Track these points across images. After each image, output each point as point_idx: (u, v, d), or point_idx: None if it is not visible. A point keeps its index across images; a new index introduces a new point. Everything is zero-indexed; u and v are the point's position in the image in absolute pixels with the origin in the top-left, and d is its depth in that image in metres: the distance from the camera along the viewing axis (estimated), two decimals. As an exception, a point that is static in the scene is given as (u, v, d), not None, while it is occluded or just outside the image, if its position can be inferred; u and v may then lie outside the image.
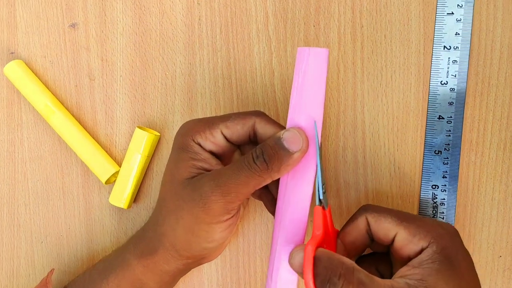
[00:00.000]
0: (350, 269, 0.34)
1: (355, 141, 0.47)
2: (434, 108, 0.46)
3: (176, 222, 0.39)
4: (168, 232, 0.40)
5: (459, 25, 0.46)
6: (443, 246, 0.36)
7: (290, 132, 0.37)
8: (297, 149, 0.37)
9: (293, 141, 0.37)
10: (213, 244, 0.40)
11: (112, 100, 0.49)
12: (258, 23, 0.47)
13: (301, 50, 0.39)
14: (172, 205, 0.39)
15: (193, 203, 0.38)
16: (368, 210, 0.39)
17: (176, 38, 0.48)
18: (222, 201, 0.37)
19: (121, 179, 0.47)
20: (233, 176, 0.37)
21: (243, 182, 0.37)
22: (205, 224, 0.38)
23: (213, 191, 0.37)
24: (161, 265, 0.41)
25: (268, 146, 0.37)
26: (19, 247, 0.50)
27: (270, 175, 0.37)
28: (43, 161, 0.49)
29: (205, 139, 0.40)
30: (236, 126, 0.40)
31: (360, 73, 0.47)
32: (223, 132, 0.40)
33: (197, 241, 0.39)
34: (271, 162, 0.37)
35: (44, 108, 0.47)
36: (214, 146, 0.40)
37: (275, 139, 0.38)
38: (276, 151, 0.37)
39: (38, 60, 0.49)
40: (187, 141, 0.40)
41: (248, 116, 0.40)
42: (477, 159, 0.47)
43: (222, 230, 0.39)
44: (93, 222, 0.49)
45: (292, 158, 0.37)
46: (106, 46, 0.48)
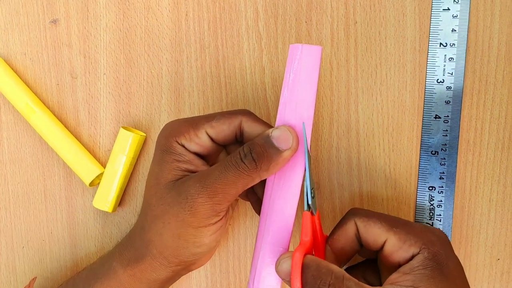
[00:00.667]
0: (340, 278, 0.34)
1: (349, 141, 0.46)
2: (430, 107, 0.45)
3: (162, 227, 0.38)
4: (155, 238, 0.38)
5: (455, 21, 0.45)
6: (434, 252, 0.36)
7: (279, 130, 0.37)
8: (287, 147, 0.36)
9: (283, 139, 0.36)
10: (202, 248, 0.39)
11: (96, 99, 0.47)
12: (248, 19, 0.46)
13: (293, 47, 0.38)
14: (158, 210, 0.38)
15: (179, 207, 0.37)
16: (356, 214, 0.39)
17: (162, 34, 0.46)
18: (209, 203, 0.36)
19: (106, 181, 0.46)
20: (220, 177, 0.36)
21: (231, 182, 0.36)
22: (193, 228, 0.37)
23: (199, 193, 0.36)
24: (148, 273, 0.40)
25: (256, 144, 0.36)
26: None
27: (259, 174, 0.36)
28: (23, 163, 0.47)
29: (190, 140, 0.38)
30: (221, 126, 0.39)
31: (354, 71, 0.46)
32: (208, 132, 0.39)
33: (186, 245, 0.38)
34: (260, 160, 0.36)
35: (24, 107, 0.46)
36: (199, 147, 0.39)
37: (264, 137, 0.37)
38: (265, 149, 0.36)
39: (18, 57, 0.47)
40: (170, 143, 0.38)
41: (234, 115, 0.39)
42: (475, 159, 0.46)
43: (211, 233, 0.38)
44: (76, 226, 0.48)
45: (282, 157, 0.36)
46: (89, 42, 0.47)
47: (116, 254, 0.41)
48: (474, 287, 0.47)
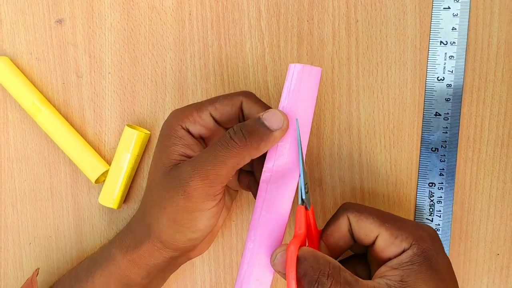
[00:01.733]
0: (337, 269, 0.34)
1: (351, 138, 0.47)
2: (430, 104, 0.46)
3: (159, 211, 0.38)
4: (154, 223, 0.39)
5: (456, 19, 0.45)
6: (424, 248, 0.36)
7: (270, 112, 0.37)
8: (278, 127, 0.37)
9: (273, 119, 0.37)
10: (198, 234, 0.39)
11: (101, 98, 0.47)
12: (250, 18, 0.46)
13: (292, 66, 0.38)
14: (156, 195, 0.39)
15: (173, 192, 0.37)
16: (349, 209, 0.39)
17: (166, 33, 0.47)
18: (201, 186, 0.36)
19: (111, 179, 0.46)
20: (210, 158, 0.36)
21: (221, 162, 0.36)
22: (188, 213, 0.37)
23: (191, 176, 0.36)
24: (147, 258, 0.40)
25: (247, 123, 0.37)
26: (7, 249, 0.48)
27: (249, 152, 0.36)
28: (30, 161, 0.48)
29: (194, 123, 0.39)
30: (224, 107, 0.39)
31: (355, 69, 0.46)
32: (212, 114, 0.39)
33: (181, 230, 0.38)
34: (250, 137, 0.36)
35: (30, 106, 0.46)
36: (203, 129, 0.40)
37: (254, 118, 0.37)
38: (256, 127, 0.36)
39: (24, 57, 0.48)
40: (173, 126, 0.39)
41: (235, 96, 0.40)
42: (474, 156, 0.46)
43: (207, 218, 0.38)
44: (82, 222, 0.48)
45: (273, 136, 0.37)
46: (94, 42, 0.47)
47: (116, 241, 0.42)
48: (474, 281, 0.47)
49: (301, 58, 0.46)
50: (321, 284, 0.33)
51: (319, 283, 0.33)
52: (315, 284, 0.33)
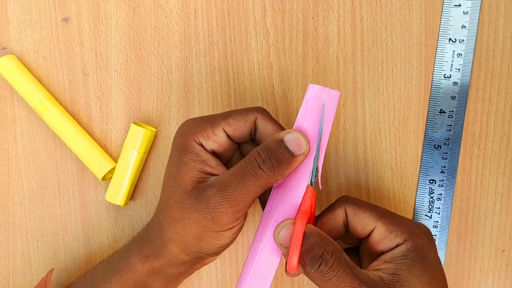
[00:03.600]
0: (340, 250, 0.35)
1: (356, 135, 0.47)
2: (436, 101, 0.46)
3: (183, 229, 0.38)
4: (176, 238, 0.39)
5: (466, 17, 0.45)
6: (418, 244, 0.37)
7: (293, 135, 0.37)
8: (300, 152, 0.37)
9: (297, 144, 0.37)
10: (224, 247, 0.40)
11: (107, 96, 0.48)
12: (256, 16, 0.46)
13: (311, 87, 0.38)
14: (177, 213, 0.38)
15: (200, 215, 0.37)
16: (347, 201, 0.40)
17: (172, 31, 0.47)
18: (231, 212, 0.37)
19: (117, 176, 0.46)
20: (239, 187, 0.36)
21: (251, 192, 0.36)
22: (214, 233, 0.38)
23: (221, 203, 0.36)
24: (167, 268, 0.41)
25: (273, 150, 0.36)
26: (15, 246, 0.49)
27: (276, 179, 0.37)
28: (37, 158, 0.48)
29: (207, 138, 0.39)
30: (238, 123, 0.39)
31: (360, 66, 0.46)
32: (225, 129, 0.39)
33: (207, 246, 0.39)
34: (278, 166, 0.36)
35: (37, 104, 0.47)
36: (216, 145, 0.39)
37: (277, 141, 0.37)
38: (281, 153, 0.36)
39: (31, 55, 0.48)
40: (188, 142, 0.39)
41: (250, 112, 0.39)
42: (480, 152, 0.46)
43: (231, 234, 0.39)
44: (89, 219, 0.49)
45: (296, 161, 0.37)
46: (100, 40, 0.47)
47: (134, 249, 0.41)
48: (479, 278, 0.47)
49: (306, 55, 0.46)
50: (325, 261, 0.34)
51: (323, 259, 0.34)
52: (319, 260, 0.34)
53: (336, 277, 0.34)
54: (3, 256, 0.49)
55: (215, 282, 0.48)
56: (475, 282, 0.47)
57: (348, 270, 0.34)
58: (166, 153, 0.48)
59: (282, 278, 0.48)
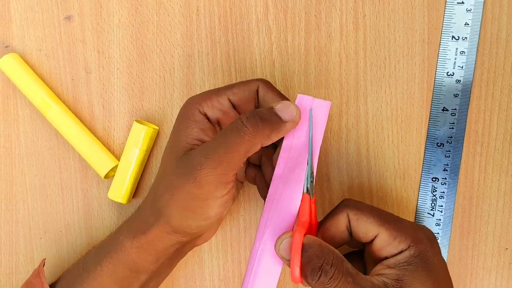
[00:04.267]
0: (340, 259, 0.35)
1: (358, 133, 0.47)
2: (438, 99, 0.46)
3: (170, 198, 0.38)
4: (164, 208, 0.39)
5: (469, 15, 0.45)
6: (421, 250, 0.37)
7: (283, 103, 0.38)
8: (290, 118, 0.37)
9: (286, 111, 0.37)
10: (208, 221, 0.39)
11: (110, 94, 0.48)
12: (258, 13, 0.46)
13: (301, 97, 0.39)
14: (167, 181, 0.38)
15: (184, 179, 0.37)
16: (349, 206, 0.39)
17: (174, 29, 0.47)
18: (213, 174, 0.36)
19: (120, 174, 0.47)
20: (221, 145, 0.36)
21: (233, 149, 0.36)
22: (200, 201, 0.37)
23: (202, 164, 0.36)
24: (155, 243, 0.40)
25: (259, 111, 0.37)
26: (18, 243, 0.49)
27: (260, 140, 0.37)
28: (40, 156, 0.49)
29: (212, 107, 0.39)
30: (242, 92, 0.40)
31: (363, 64, 0.46)
32: (230, 98, 0.40)
33: (192, 217, 0.38)
34: (262, 124, 0.36)
35: (40, 102, 0.47)
36: (220, 113, 0.40)
37: (266, 108, 0.38)
38: (268, 116, 0.37)
39: (34, 53, 0.48)
40: (191, 110, 0.39)
41: (252, 82, 0.40)
42: (483, 150, 0.46)
43: (218, 206, 0.38)
44: (92, 217, 0.49)
45: (284, 126, 0.37)
46: (103, 38, 0.47)
47: (124, 228, 0.42)
48: (482, 276, 0.47)
49: (308, 53, 0.46)
50: (324, 272, 0.34)
51: (323, 271, 0.34)
52: (319, 271, 0.34)
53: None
54: (6, 253, 0.49)
55: (217, 280, 0.48)
56: (478, 280, 0.47)
57: (350, 279, 0.34)
58: (168, 151, 0.48)
59: (285, 276, 0.48)
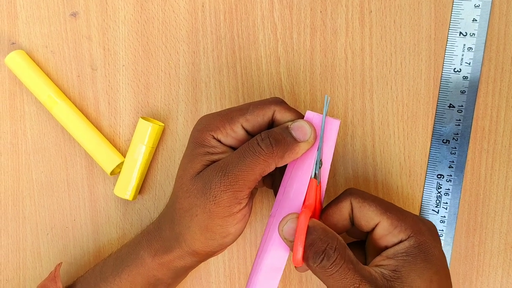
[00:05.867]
0: (343, 245, 0.35)
1: (364, 130, 0.46)
2: (445, 96, 0.45)
3: (190, 220, 0.38)
4: (184, 231, 0.39)
5: (477, 11, 0.44)
6: (421, 241, 0.37)
7: (299, 123, 0.38)
8: (304, 139, 0.37)
9: (301, 131, 0.37)
10: (229, 238, 0.39)
11: (115, 90, 0.48)
12: (263, 10, 0.46)
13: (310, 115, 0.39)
14: (185, 203, 0.39)
15: (204, 198, 0.37)
16: (353, 194, 0.39)
17: (179, 26, 0.47)
18: (231, 191, 0.37)
19: (126, 170, 0.47)
20: (238, 163, 0.37)
21: (249, 168, 0.36)
22: (219, 219, 0.38)
23: (221, 181, 0.37)
24: (177, 261, 0.41)
25: (274, 131, 0.37)
26: (25, 239, 0.49)
27: (274, 160, 0.37)
28: (47, 153, 0.49)
29: (226, 135, 0.39)
30: (256, 118, 0.39)
31: (369, 60, 0.46)
32: (243, 125, 0.39)
33: (213, 237, 0.39)
34: (276, 145, 0.37)
35: (47, 99, 0.47)
36: (234, 141, 0.39)
37: (282, 127, 0.38)
38: (283, 136, 0.37)
39: (40, 50, 0.48)
40: (205, 137, 0.39)
41: (267, 106, 0.39)
42: (490, 147, 0.46)
43: (236, 222, 0.39)
44: (98, 213, 0.49)
45: (298, 147, 0.37)
46: (108, 35, 0.47)
47: (144, 243, 0.42)
48: (488, 273, 0.47)
49: (314, 49, 0.46)
50: (327, 256, 0.34)
51: (326, 255, 0.34)
52: (322, 255, 0.34)
53: (338, 273, 0.34)
54: (14, 250, 0.49)
55: (223, 276, 0.49)
56: (484, 277, 0.47)
57: (351, 266, 0.34)
58: (174, 147, 0.48)
59: (290, 274, 0.48)
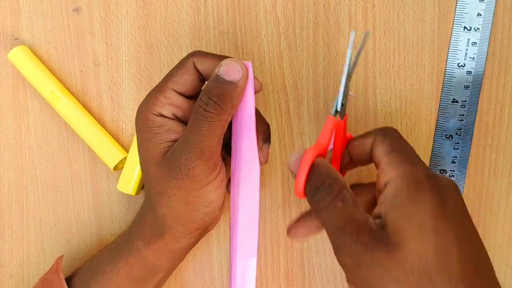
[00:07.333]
0: (341, 185, 0.33)
1: (367, 125, 0.46)
2: (449, 91, 0.45)
3: (170, 200, 0.39)
4: (167, 211, 0.39)
5: (482, 5, 0.44)
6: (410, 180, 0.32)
7: (224, 65, 0.37)
8: (239, 76, 0.37)
9: (232, 71, 0.37)
10: (212, 206, 0.40)
11: (118, 86, 0.48)
12: (266, 4, 0.46)
13: None
14: (159, 187, 0.39)
15: (177, 179, 0.38)
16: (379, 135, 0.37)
17: (182, 21, 0.47)
18: (201, 163, 0.37)
19: (129, 165, 0.47)
20: (197, 135, 0.37)
21: (208, 134, 0.37)
22: (196, 191, 0.38)
23: (188, 160, 0.37)
24: (172, 244, 0.41)
25: (211, 88, 0.37)
26: (29, 234, 0.50)
27: (227, 113, 0.37)
28: (50, 148, 0.49)
29: (163, 105, 0.39)
30: (182, 77, 0.39)
31: (372, 55, 0.46)
32: (175, 89, 0.39)
33: (196, 208, 0.39)
34: (221, 100, 0.36)
35: (50, 94, 0.47)
36: (174, 108, 0.39)
37: (214, 78, 0.37)
38: (220, 88, 0.36)
39: (43, 45, 0.48)
40: (147, 117, 0.39)
41: (185, 61, 0.39)
42: (494, 142, 0.46)
43: (215, 189, 0.39)
44: (101, 208, 0.49)
45: (238, 87, 0.37)
46: (111, 30, 0.47)
47: (135, 233, 0.42)
48: (492, 268, 0.47)
49: (317, 44, 0.46)
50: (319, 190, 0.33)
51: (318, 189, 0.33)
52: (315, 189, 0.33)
53: (326, 209, 0.33)
54: (18, 245, 0.50)
55: (226, 271, 0.49)
56: (487, 272, 0.47)
57: (340, 204, 0.32)
58: (177, 143, 0.48)
59: (293, 270, 0.48)
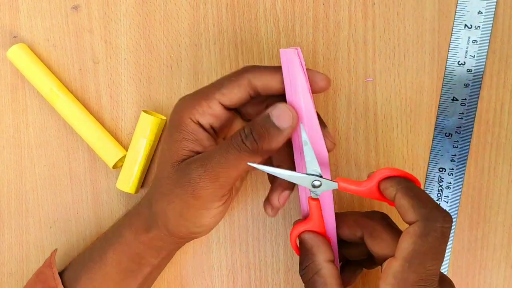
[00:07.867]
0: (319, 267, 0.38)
1: (367, 123, 0.46)
2: (448, 89, 0.45)
3: (167, 205, 0.39)
4: (160, 214, 0.39)
5: (483, 3, 0.44)
6: None
7: (278, 108, 0.36)
8: (288, 125, 0.36)
9: (283, 117, 0.36)
10: (202, 229, 0.40)
11: (117, 84, 0.48)
12: (266, 2, 0.46)
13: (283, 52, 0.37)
14: (165, 188, 0.39)
15: (182, 189, 0.37)
16: None
17: (181, 18, 0.47)
18: (212, 188, 0.36)
19: (128, 164, 0.47)
20: (221, 160, 0.36)
21: (232, 165, 0.36)
22: (195, 210, 0.38)
23: (201, 177, 0.36)
24: (156, 241, 0.41)
25: (257, 125, 0.36)
26: (28, 232, 0.50)
27: (261, 155, 0.36)
28: (49, 146, 0.49)
29: (203, 114, 0.38)
30: (232, 91, 0.38)
31: (372, 53, 0.46)
32: (221, 101, 0.38)
33: (186, 224, 0.39)
34: (261, 141, 0.35)
35: (49, 92, 0.47)
36: (213, 119, 0.38)
37: (264, 117, 0.36)
38: (266, 129, 0.36)
39: (41, 43, 0.48)
40: (183, 119, 0.38)
41: (240, 76, 0.38)
42: (493, 140, 0.46)
43: (212, 216, 0.39)
44: (101, 207, 0.49)
45: (283, 135, 0.36)
46: (110, 28, 0.47)
47: (126, 223, 0.43)
48: (491, 267, 0.47)
49: (316, 42, 0.46)
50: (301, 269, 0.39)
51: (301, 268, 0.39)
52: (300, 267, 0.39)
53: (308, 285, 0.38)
54: (17, 243, 0.50)
55: (225, 269, 0.49)
56: (487, 271, 0.47)
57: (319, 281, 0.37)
58: (176, 141, 0.48)
59: (293, 268, 0.48)
